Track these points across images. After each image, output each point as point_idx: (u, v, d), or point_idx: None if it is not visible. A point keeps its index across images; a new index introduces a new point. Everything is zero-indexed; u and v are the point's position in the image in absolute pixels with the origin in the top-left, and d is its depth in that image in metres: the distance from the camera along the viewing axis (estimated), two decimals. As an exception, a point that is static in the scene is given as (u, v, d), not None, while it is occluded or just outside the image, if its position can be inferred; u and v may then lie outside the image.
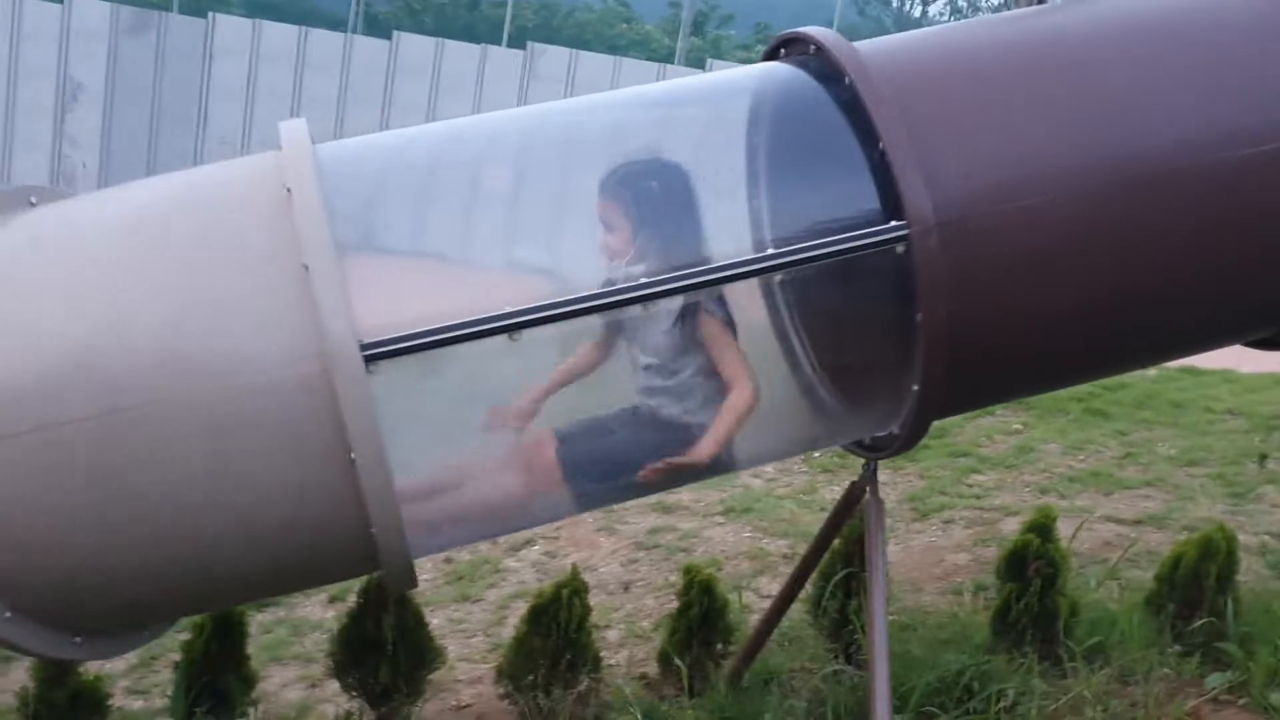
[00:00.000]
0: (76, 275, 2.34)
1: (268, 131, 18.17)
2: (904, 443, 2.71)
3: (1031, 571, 3.93)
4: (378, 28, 22.33)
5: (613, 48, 26.73)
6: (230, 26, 18.92)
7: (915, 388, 2.55)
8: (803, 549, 5.80)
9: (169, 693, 4.65)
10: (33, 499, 2.24)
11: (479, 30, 27.76)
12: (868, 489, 3.05)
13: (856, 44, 2.67)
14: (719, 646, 4.09)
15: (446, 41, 19.34)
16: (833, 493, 6.75)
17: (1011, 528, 5.90)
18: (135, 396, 2.22)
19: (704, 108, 3.08)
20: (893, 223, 2.43)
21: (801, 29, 2.74)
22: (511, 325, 2.28)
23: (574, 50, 19.95)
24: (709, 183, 3.17)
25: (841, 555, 4.07)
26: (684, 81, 3.24)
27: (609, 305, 2.33)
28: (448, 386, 2.49)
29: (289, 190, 2.30)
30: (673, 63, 22.46)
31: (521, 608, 5.32)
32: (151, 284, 2.30)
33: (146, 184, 2.61)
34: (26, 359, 2.25)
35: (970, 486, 6.72)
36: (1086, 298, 2.54)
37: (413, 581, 2.47)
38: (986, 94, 2.55)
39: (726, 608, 4.12)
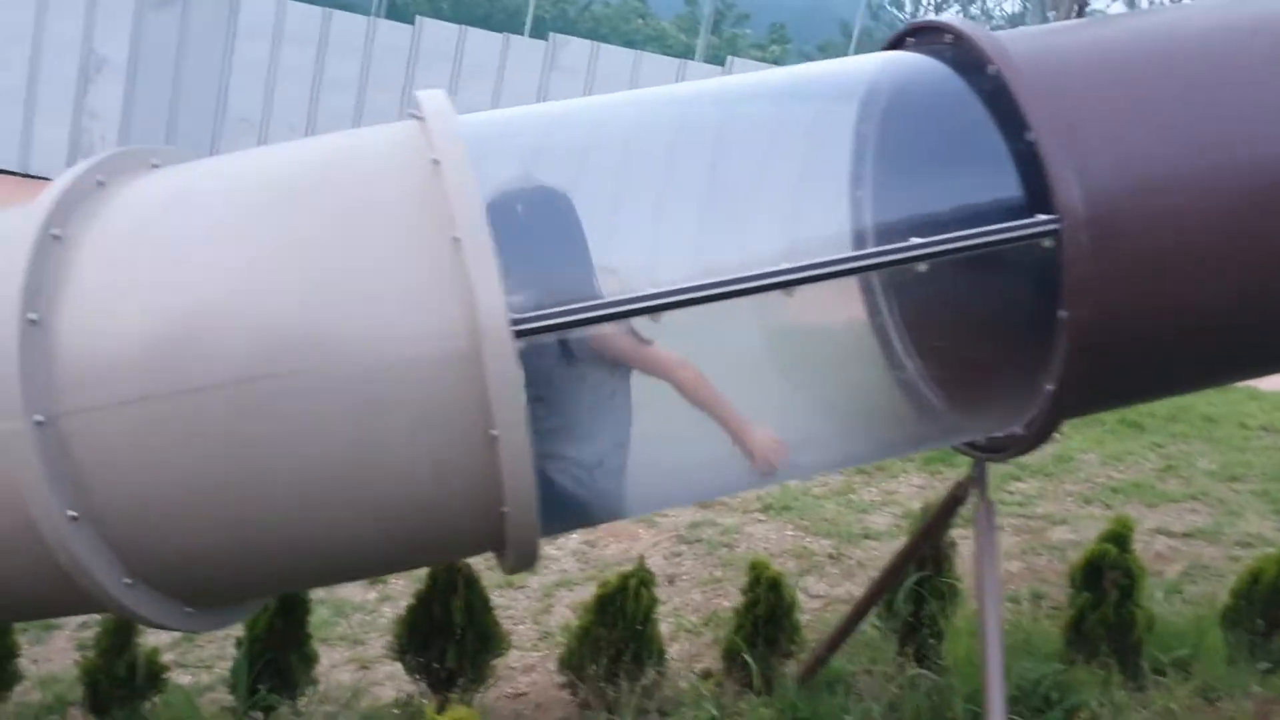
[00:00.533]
0: (213, 239, 2.27)
1: (288, 111, 18.11)
2: (1028, 444, 2.66)
3: (1109, 583, 3.89)
4: (397, 14, 22.24)
5: (628, 43, 26.68)
6: (255, 5, 18.78)
7: (1050, 387, 2.49)
8: (848, 550, 5.79)
9: (215, 668, 4.62)
10: (162, 465, 2.18)
11: (496, 20, 27.71)
12: (976, 491, 2.98)
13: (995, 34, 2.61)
14: (785, 645, 4.03)
15: (469, 29, 19.24)
16: (870, 494, 6.71)
17: (1060, 536, 5.88)
18: (272, 366, 2.15)
19: (820, 98, 3.03)
20: (1042, 216, 2.38)
21: (936, 18, 2.69)
22: (658, 306, 2.22)
23: (595, 43, 19.83)
24: (810, 172, 3.14)
25: (918, 559, 4.01)
26: (799, 70, 3.17)
27: (754, 289, 2.27)
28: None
29: (436, 162, 2.23)
30: (687, 59, 22.41)
31: (567, 596, 5.30)
32: (291, 253, 2.23)
33: (275, 150, 2.54)
34: (161, 321, 2.18)
35: (1012, 494, 6.68)
36: (1231, 300, 2.49)
37: (533, 562, 2.42)
38: (1134, 87, 2.49)
39: (794, 606, 4.07)
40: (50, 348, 2.16)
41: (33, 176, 18.28)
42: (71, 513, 2.15)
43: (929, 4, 37.83)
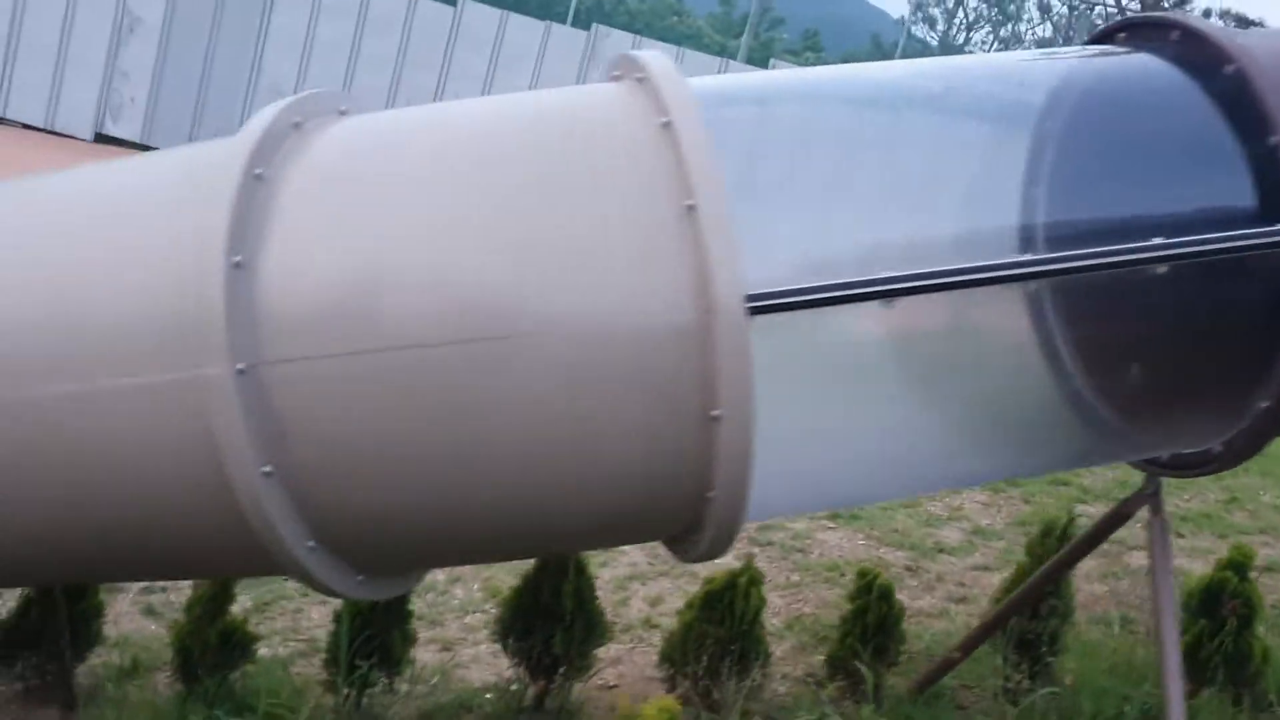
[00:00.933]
0: (423, 193, 2.15)
1: (322, 85, 17.90)
2: (1226, 463, 2.55)
3: (1229, 610, 3.79)
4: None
5: (663, 39, 26.56)
6: (295, -26, 18.65)
7: (1266, 404, 2.39)
8: (924, 563, 5.68)
9: (289, 640, 4.50)
10: (361, 424, 2.06)
11: (530, 6, 27.59)
12: (1149, 508, 2.87)
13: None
14: (893, 655, 3.93)
15: (510, 14, 19.11)
16: (935, 508, 6.61)
17: (1138, 561, 5.77)
18: (485, 328, 2.04)
19: (1014, 88, 2.92)
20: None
21: (1162, 13, 2.59)
22: (895, 291, 2.12)
23: (638, 36, 19.73)
24: (986, 166, 3.03)
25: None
26: (1001, 58, 3.06)
27: (990, 280, 2.17)
28: (806, 347, 2.33)
29: (667, 125, 2.12)
30: (722, 58, 22.29)
31: (641, 590, 5.19)
32: (506, 212, 2.11)
33: (474, 105, 2.42)
34: (370, 274, 2.06)
35: (1080, 517, 6.57)
36: None
37: (724, 552, 2.31)
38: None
39: (903, 615, 3.96)
40: (254, 293, 2.05)
41: (59, 134, 18.14)
42: (266, 468, 2.04)
43: (960, 24, 37.79)
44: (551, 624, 3.66)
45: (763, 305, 2.04)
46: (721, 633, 3.77)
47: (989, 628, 3.64)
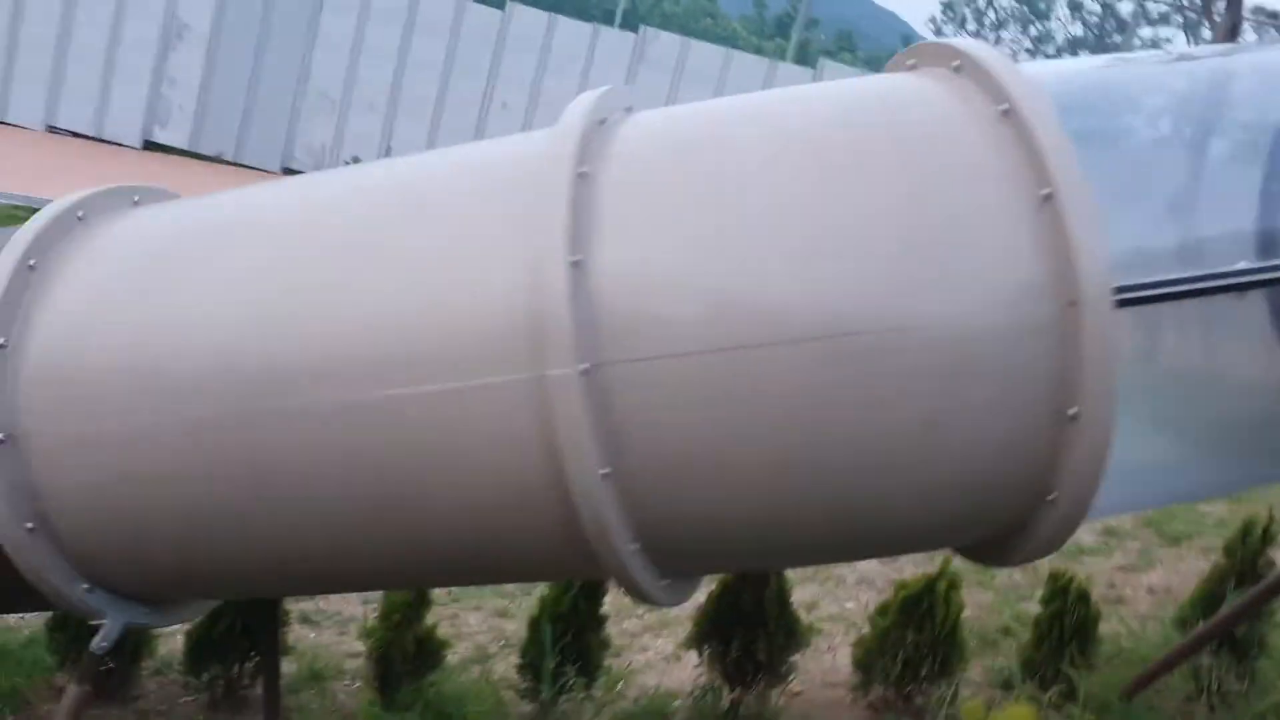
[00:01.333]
0: (759, 195, 2.06)
1: (370, 89, 17.84)
2: None
3: None
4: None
5: (702, 41, 26.44)
6: (343, -20, 18.62)
7: None
8: (1070, 566, 5.58)
9: (454, 645, 4.44)
10: (702, 429, 1.99)
11: (566, 8, 27.53)
12: None
13: None
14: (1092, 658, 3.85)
15: (559, 17, 19.03)
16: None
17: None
18: (835, 328, 1.95)
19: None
20: None
21: None
22: (1259, 283, 2.04)
23: (685, 39, 19.65)
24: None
25: (1235, 579, 3.82)
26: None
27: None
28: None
29: (1007, 112, 2.05)
30: (771, 60, 22.20)
31: (793, 596, 5.11)
32: (849, 210, 2.02)
33: (774, 97, 2.35)
34: (710, 274, 1.99)
35: (1203, 515, 6.50)
36: None
37: (1047, 555, 2.23)
38: None
39: (1099, 619, 3.88)
40: (592, 290, 1.99)
41: (107, 141, 18.14)
42: (606, 469, 1.97)
43: (990, 23, 37.66)
44: (753, 630, 3.59)
45: (1132, 297, 1.96)
46: (920, 638, 3.69)
47: (1215, 629, 3.55)
